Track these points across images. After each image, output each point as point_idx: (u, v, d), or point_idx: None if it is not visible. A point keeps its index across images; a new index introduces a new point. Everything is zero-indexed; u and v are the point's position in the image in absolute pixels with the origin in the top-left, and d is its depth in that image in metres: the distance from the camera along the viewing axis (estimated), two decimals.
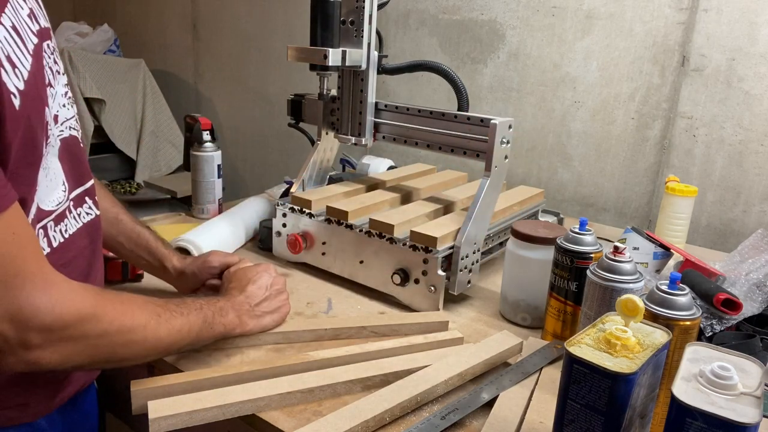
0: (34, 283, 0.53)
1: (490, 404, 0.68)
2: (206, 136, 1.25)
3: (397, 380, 0.70)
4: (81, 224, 0.70)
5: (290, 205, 1.05)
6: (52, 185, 0.64)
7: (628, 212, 1.44)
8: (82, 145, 0.71)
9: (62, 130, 0.66)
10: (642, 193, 1.41)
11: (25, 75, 0.55)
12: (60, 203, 0.65)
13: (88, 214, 0.72)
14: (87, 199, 0.72)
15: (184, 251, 1.00)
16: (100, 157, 2.24)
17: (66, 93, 0.68)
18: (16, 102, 0.53)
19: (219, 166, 1.26)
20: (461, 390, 0.72)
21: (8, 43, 0.54)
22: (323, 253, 1.02)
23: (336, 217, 0.99)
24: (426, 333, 0.83)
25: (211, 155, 1.25)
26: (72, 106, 0.70)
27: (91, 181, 0.73)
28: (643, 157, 1.39)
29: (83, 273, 0.70)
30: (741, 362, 0.51)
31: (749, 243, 0.99)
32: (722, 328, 0.77)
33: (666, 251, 1.01)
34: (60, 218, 0.66)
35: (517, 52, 1.51)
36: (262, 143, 2.21)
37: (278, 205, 1.06)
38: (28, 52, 0.57)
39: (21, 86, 0.54)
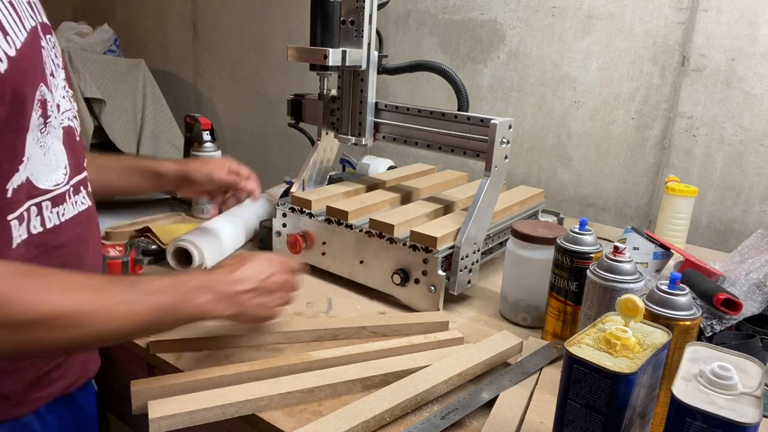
0: None
1: (490, 404, 0.68)
2: (206, 136, 1.25)
3: (397, 380, 0.70)
4: (77, 212, 0.71)
5: (290, 205, 1.05)
6: (51, 165, 0.65)
7: (628, 212, 1.44)
8: (78, 138, 0.73)
9: (62, 120, 0.68)
10: (642, 193, 1.41)
11: (18, 44, 0.57)
12: (59, 185, 0.67)
13: (82, 203, 0.73)
14: (82, 188, 0.73)
15: (184, 251, 1.00)
16: None
17: (65, 86, 0.70)
18: (2, 66, 0.55)
19: None
20: (461, 390, 0.72)
21: (1, 12, 0.56)
22: (323, 253, 1.02)
23: (336, 217, 0.99)
24: (426, 333, 0.83)
25: (211, 155, 1.25)
26: (71, 101, 0.72)
27: (85, 173, 0.75)
28: (643, 157, 1.39)
29: (74, 259, 0.69)
30: (741, 362, 0.51)
31: (749, 243, 0.99)
32: (722, 328, 0.77)
33: (666, 251, 1.01)
34: (58, 200, 0.67)
35: (517, 52, 1.51)
36: (262, 143, 2.21)
37: (278, 205, 1.06)
38: (24, 28, 0.59)
39: (12, 53, 0.56)
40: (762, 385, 0.47)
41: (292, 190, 1.12)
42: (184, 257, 1.01)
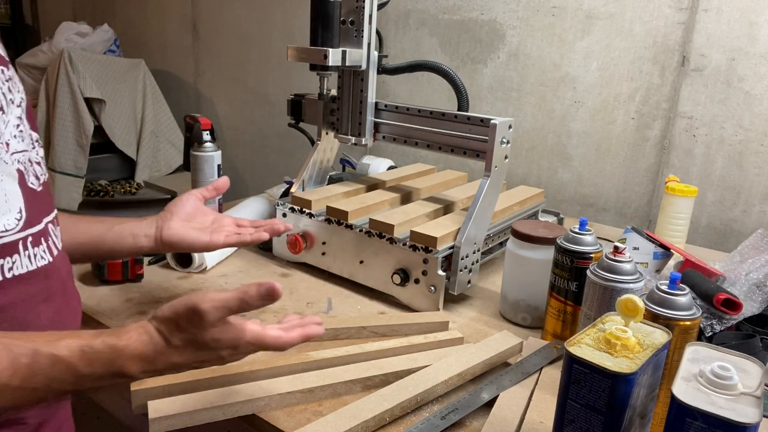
0: None
1: (490, 404, 0.68)
2: (206, 136, 1.25)
3: (397, 380, 0.70)
4: (35, 267, 0.60)
5: (290, 205, 1.05)
6: (2, 208, 0.57)
7: (628, 212, 1.44)
8: (40, 188, 0.64)
9: (13, 162, 0.60)
10: (642, 193, 1.41)
11: None
12: (8, 231, 0.57)
13: (42, 257, 0.62)
14: (43, 240, 0.62)
15: (184, 252, 1.00)
16: (100, 157, 2.24)
17: (18, 125, 0.62)
18: None
19: (219, 166, 1.26)
20: (461, 390, 0.72)
21: None
22: (323, 253, 1.02)
23: (336, 217, 0.99)
24: (426, 333, 0.83)
25: (211, 155, 1.25)
26: (34, 145, 0.64)
27: (47, 224, 0.64)
28: (643, 157, 1.39)
29: (20, 323, 0.58)
30: (741, 362, 0.51)
31: (749, 243, 0.99)
32: (722, 328, 0.77)
33: (666, 251, 1.01)
34: (5, 251, 0.57)
35: (517, 52, 1.51)
36: (262, 143, 2.21)
37: (278, 205, 1.06)
38: None
39: None
40: (762, 385, 0.47)
41: (292, 190, 1.12)
42: (185, 258, 1.01)
